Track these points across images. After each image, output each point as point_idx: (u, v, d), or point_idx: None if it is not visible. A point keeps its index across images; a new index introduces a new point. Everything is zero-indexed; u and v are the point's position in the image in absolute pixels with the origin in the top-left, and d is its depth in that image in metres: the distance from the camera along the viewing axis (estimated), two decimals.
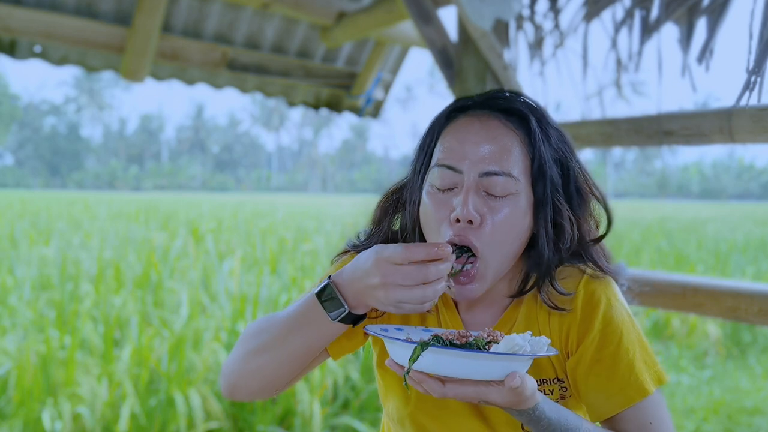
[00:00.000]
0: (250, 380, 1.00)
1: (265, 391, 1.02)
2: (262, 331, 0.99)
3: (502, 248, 0.96)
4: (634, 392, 0.96)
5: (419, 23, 2.16)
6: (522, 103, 1.01)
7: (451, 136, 0.99)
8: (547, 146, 0.99)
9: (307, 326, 0.94)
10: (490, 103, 1.01)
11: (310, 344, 0.95)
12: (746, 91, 1.42)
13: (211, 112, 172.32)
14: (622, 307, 1.02)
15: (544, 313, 1.03)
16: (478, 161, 0.95)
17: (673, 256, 9.62)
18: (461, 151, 0.97)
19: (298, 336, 0.95)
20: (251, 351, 0.99)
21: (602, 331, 0.98)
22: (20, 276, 6.15)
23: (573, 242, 1.01)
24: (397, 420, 1.10)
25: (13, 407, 3.43)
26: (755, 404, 4.73)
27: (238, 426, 3.68)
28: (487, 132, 0.97)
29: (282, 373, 0.99)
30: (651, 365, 0.99)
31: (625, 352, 0.97)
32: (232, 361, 1.02)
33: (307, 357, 0.98)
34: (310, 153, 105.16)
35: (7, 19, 2.31)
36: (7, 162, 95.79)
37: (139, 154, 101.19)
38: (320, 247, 8.55)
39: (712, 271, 8.61)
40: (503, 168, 0.95)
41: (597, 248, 1.05)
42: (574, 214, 1.00)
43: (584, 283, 1.01)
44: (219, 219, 16.16)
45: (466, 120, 1.00)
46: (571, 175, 1.01)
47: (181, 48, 2.69)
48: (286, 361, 0.97)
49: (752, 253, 11.02)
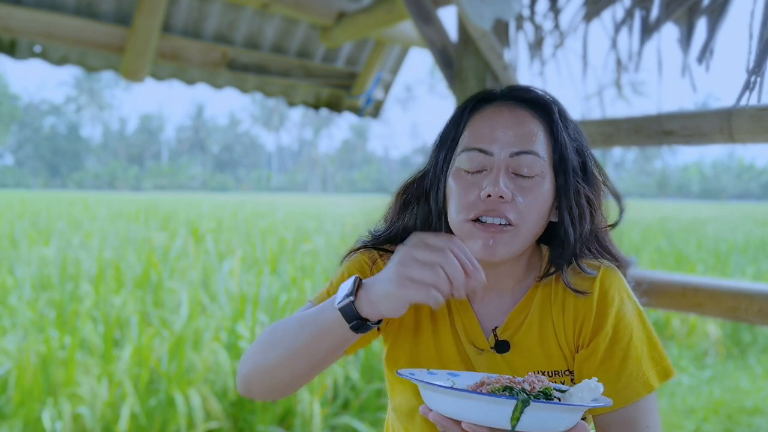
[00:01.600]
0: (267, 379, 1.00)
1: (280, 391, 1.02)
2: (278, 334, 0.99)
3: (530, 225, 1.00)
4: (640, 387, 0.99)
5: (419, 23, 2.16)
6: (544, 95, 1.07)
7: (481, 123, 1.04)
8: (567, 136, 1.04)
9: (331, 333, 0.93)
10: (515, 94, 1.07)
11: (332, 348, 0.95)
12: (746, 91, 1.42)
13: (211, 112, 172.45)
14: (634, 303, 1.05)
15: (558, 305, 1.05)
16: (508, 143, 1.00)
17: (673, 256, 9.62)
18: (491, 135, 1.01)
19: (322, 341, 0.94)
20: (272, 353, 0.98)
21: (615, 327, 1.01)
22: (20, 276, 6.15)
23: (589, 228, 1.05)
24: (407, 412, 1.09)
25: (13, 407, 3.43)
26: (755, 404, 4.73)
27: (238, 426, 3.68)
28: (516, 118, 1.02)
29: (301, 374, 0.99)
30: (659, 360, 1.02)
31: (635, 350, 1.00)
32: (251, 359, 1.01)
33: (328, 360, 0.98)
34: (310, 153, 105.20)
35: (7, 19, 2.31)
36: (7, 162, 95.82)
37: (139, 154, 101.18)
38: (320, 247, 8.55)
39: (712, 271, 8.61)
40: (531, 148, 1.00)
41: (608, 239, 1.10)
42: (590, 202, 1.05)
43: (601, 278, 1.04)
44: (219, 219, 16.16)
45: (494, 108, 1.05)
46: (588, 164, 1.06)
47: (181, 48, 2.69)
48: (306, 364, 0.97)
49: (752, 253, 11.02)
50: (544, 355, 1.04)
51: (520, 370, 1.03)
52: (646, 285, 1.91)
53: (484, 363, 1.05)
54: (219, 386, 3.75)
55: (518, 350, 1.05)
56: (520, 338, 1.05)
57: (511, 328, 1.06)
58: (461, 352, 1.07)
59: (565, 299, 1.05)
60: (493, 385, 0.80)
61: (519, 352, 1.05)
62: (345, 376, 4.05)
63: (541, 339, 1.04)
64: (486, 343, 1.06)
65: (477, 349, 1.06)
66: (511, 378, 0.82)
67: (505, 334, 1.06)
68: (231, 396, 3.73)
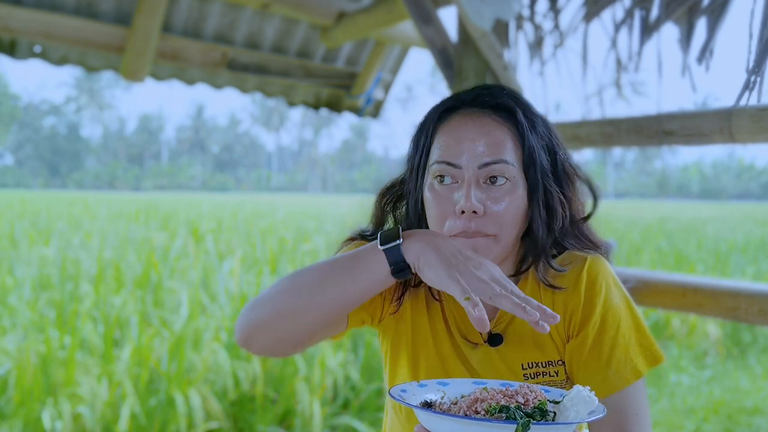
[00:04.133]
0: (270, 327, 0.99)
1: (281, 345, 1.02)
2: (297, 282, 0.98)
3: (507, 231, 1.01)
4: (629, 374, 1.01)
5: (419, 23, 2.16)
6: (507, 96, 1.07)
7: (447, 135, 1.04)
8: (534, 135, 1.04)
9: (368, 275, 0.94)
10: (479, 101, 1.07)
11: (361, 292, 0.96)
12: (746, 91, 1.42)
13: (211, 112, 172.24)
14: (621, 291, 1.07)
15: (547, 297, 1.07)
16: (476, 155, 1.01)
17: (673, 256, 9.62)
18: (458, 148, 1.02)
19: (356, 281, 0.95)
20: (281, 293, 0.98)
21: (603, 316, 1.03)
22: (20, 276, 6.15)
23: (565, 222, 1.07)
24: (406, 413, 1.10)
25: (13, 407, 3.43)
26: (755, 404, 4.73)
27: (238, 426, 3.68)
28: (480, 128, 1.03)
29: (306, 323, 0.98)
30: (647, 346, 1.04)
31: (623, 337, 1.02)
32: (263, 304, 0.99)
33: (339, 309, 0.98)
34: (310, 153, 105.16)
35: (7, 19, 2.31)
36: (7, 162, 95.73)
37: (139, 154, 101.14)
38: (320, 247, 8.54)
39: (712, 271, 8.61)
40: (499, 156, 1.01)
41: (587, 227, 1.11)
42: (565, 196, 1.06)
43: (587, 268, 1.06)
44: (219, 219, 16.16)
45: (459, 119, 1.05)
46: (558, 159, 1.07)
47: (181, 48, 2.69)
48: (326, 313, 0.97)
49: (752, 253, 11.02)
50: (537, 347, 1.06)
51: (514, 362, 1.05)
52: (647, 285, 1.91)
53: (479, 357, 1.07)
54: (219, 386, 3.75)
55: (511, 342, 1.07)
56: (513, 330, 1.07)
57: (503, 321, 1.08)
58: (456, 347, 1.08)
59: (554, 293, 1.07)
60: (489, 403, 0.80)
61: (512, 344, 1.07)
62: (345, 376, 4.05)
63: (532, 330, 1.04)
64: (479, 337, 1.07)
65: (471, 343, 1.08)
66: (505, 391, 0.83)
67: (498, 327, 1.08)
68: (231, 396, 3.73)
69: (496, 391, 0.83)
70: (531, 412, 0.79)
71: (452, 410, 0.81)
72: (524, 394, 0.82)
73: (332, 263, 0.98)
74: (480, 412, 0.79)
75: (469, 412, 0.80)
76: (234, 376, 3.80)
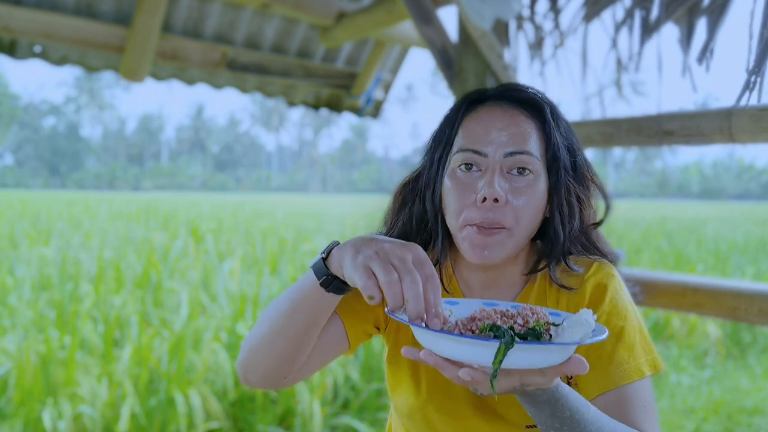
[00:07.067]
0: (260, 362, 1.01)
1: (273, 375, 1.02)
2: (269, 311, 1.01)
3: (524, 225, 1.01)
4: (632, 371, 1.00)
5: (419, 23, 2.16)
6: (536, 94, 1.07)
7: (474, 124, 1.05)
8: (559, 135, 1.05)
9: (305, 298, 0.94)
10: (508, 94, 1.07)
11: (311, 316, 0.96)
12: (746, 91, 1.42)
13: (211, 112, 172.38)
14: (627, 297, 1.08)
15: (553, 296, 1.07)
16: (502, 144, 1.01)
17: (673, 256, 9.61)
18: (486, 136, 1.02)
19: (301, 307, 0.95)
20: (260, 331, 1.00)
21: (609, 313, 1.03)
22: (20, 276, 6.15)
23: (578, 225, 1.07)
24: (407, 414, 1.11)
25: (13, 407, 3.43)
26: (755, 404, 4.73)
27: (238, 426, 3.68)
28: (509, 118, 1.03)
29: (287, 352, 0.99)
30: (649, 352, 1.04)
31: (628, 336, 1.02)
32: (247, 342, 1.03)
33: (309, 333, 0.98)
34: (310, 153, 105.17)
35: (7, 19, 2.31)
36: (7, 162, 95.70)
37: (139, 154, 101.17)
38: (320, 247, 8.54)
39: (712, 271, 8.61)
40: (525, 148, 1.01)
41: (596, 234, 1.12)
42: (580, 200, 1.07)
43: (594, 271, 1.07)
44: (219, 219, 16.16)
45: (487, 109, 1.06)
46: (578, 162, 1.07)
47: (181, 48, 2.69)
48: (289, 337, 0.97)
49: (752, 253, 11.02)
50: None
51: None
52: (646, 285, 1.91)
53: None
54: (219, 386, 3.75)
55: None
56: None
57: None
58: None
59: (559, 293, 1.07)
60: (484, 322, 0.78)
61: None
62: (345, 376, 4.05)
63: None
64: None
65: None
66: (505, 311, 0.80)
67: None
68: (231, 396, 3.73)
69: (495, 311, 0.81)
70: (523, 333, 0.77)
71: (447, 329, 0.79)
72: (525, 316, 0.79)
73: (289, 289, 0.98)
74: (474, 331, 0.78)
75: (464, 331, 0.78)
76: (234, 376, 3.80)
